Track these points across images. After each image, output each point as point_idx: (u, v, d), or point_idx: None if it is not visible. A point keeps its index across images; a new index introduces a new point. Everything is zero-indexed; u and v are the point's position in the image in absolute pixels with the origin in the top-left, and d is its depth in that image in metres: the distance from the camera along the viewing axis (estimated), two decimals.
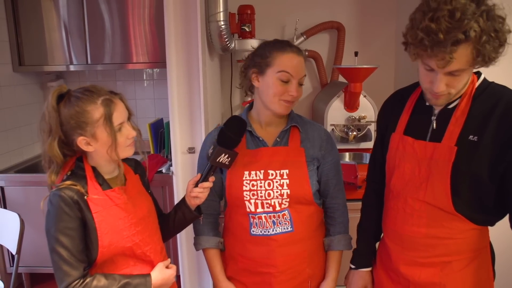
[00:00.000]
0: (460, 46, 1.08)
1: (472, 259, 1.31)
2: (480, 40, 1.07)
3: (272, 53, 1.46)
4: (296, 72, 1.46)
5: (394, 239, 1.41)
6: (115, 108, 1.28)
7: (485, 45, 1.08)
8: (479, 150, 1.20)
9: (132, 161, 1.49)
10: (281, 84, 1.45)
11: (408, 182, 1.33)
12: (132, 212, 1.35)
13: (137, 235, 1.34)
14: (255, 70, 1.50)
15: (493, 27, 1.08)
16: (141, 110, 3.32)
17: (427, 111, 1.33)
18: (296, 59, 1.46)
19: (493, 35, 1.08)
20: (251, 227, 1.50)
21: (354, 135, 2.50)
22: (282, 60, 1.45)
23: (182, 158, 2.32)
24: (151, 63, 2.91)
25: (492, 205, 1.26)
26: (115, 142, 1.27)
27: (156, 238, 1.43)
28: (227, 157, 1.42)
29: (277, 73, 1.45)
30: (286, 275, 1.52)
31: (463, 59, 1.10)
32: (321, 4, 3.17)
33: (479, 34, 1.06)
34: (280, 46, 1.48)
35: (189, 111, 2.30)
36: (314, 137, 1.57)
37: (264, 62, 1.47)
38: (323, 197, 1.60)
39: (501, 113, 1.18)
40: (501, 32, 1.10)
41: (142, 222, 1.37)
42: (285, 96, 1.46)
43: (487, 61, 1.11)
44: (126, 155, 1.34)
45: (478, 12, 1.07)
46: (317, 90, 3.25)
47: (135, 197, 1.39)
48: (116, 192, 1.34)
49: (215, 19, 2.41)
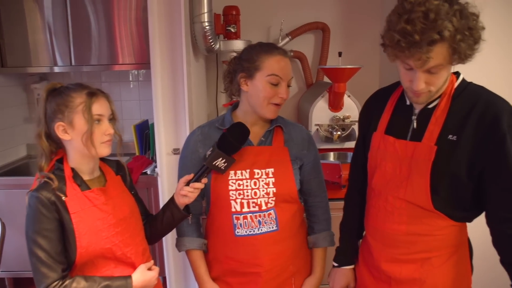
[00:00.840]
0: (436, 46, 1.10)
1: (451, 254, 1.33)
2: (455, 38, 1.10)
3: (260, 56, 1.48)
4: (285, 74, 1.48)
5: (376, 236, 1.42)
6: (97, 100, 1.31)
7: (460, 43, 1.10)
8: (458, 149, 1.22)
9: (113, 162, 1.49)
10: (271, 87, 1.47)
11: (389, 181, 1.34)
12: (111, 213, 1.34)
13: (117, 236, 1.34)
14: (244, 75, 1.50)
15: (467, 25, 1.11)
16: (126, 111, 3.30)
17: (407, 111, 1.35)
18: (284, 61, 1.49)
19: (467, 33, 1.11)
20: (236, 228, 1.50)
21: (339, 134, 2.52)
22: (270, 63, 1.46)
23: (167, 159, 2.31)
24: (137, 64, 2.89)
25: (470, 203, 1.28)
26: (90, 130, 1.28)
27: (138, 239, 1.42)
28: (223, 162, 1.42)
29: (266, 77, 1.46)
30: (272, 274, 1.53)
31: (439, 58, 1.13)
32: (306, 4, 3.18)
33: (453, 33, 1.09)
34: (267, 49, 1.49)
35: (173, 112, 2.30)
36: (297, 137, 1.59)
37: (253, 66, 1.48)
38: (306, 196, 1.62)
39: (479, 113, 1.20)
40: (475, 30, 1.13)
41: (123, 223, 1.37)
42: (275, 99, 1.48)
43: (463, 58, 1.14)
44: (102, 152, 1.34)
45: (452, 11, 1.09)
46: (302, 91, 3.26)
47: (115, 198, 1.38)
48: (95, 193, 1.33)
49: (200, 20, 2.41)
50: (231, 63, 1.57)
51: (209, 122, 1.63)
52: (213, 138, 1.52)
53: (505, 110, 1.18)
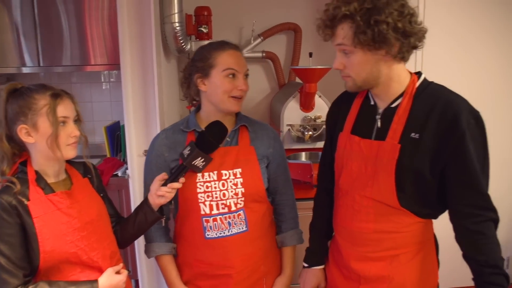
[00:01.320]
0: (341, 23, 1.22)
1: (418, 251, 1.36)
2: (355, 20, 1.18)
3: (212, 53, 1.48)
4: (240, 66, 1.49)
5: (344, 235, 1.44)
6: (61, 101, 1.29)
7: (361, 28, 1.18)
8: (421, 147, 1.24)
9: (80, 164, 1.46)
10: (228, 81, 1.47)
11: (356, 180, 1.36)
12: (76, 216, 1.31)
13: (82, 240, 1.31)
14: (199, 75, 1.50)
15: (377, 16, 1.16)
16: (98, 113, 3.24)
17: (372, 110, 1.37)
18: (237, 54, 1.50)
19: (372, 22, 1.17)
20: (205, 230, 1.49)
21: (310, 134, 2.54)
22: (224, 58, 1.47)
23: (138, 161, 2.28)
24: (110, 65, 2.85)
25: (434, 200, 1.31)
26: (55, 132, 1.26)
27: (106, 243, 1.40)
28: (202, 161, 1.42)
29: (222, 72, 1.47)
30: (243, 275, 1.53)
31: (343, 35, 1.23)
32: (278, 5, 3.20)
33: (355, 14, 1.18)
34: (218, 45, 1.51)
35: (144, 114, 2.28)
36: (263, 136, 1.59)
37: (207, 65, 1.48)
38: (272, 194, 1.62)
39: (439, 112, 1.23)
40: (383, 23, 1.17)
41: (89, 226, 1.34)
42: (234, 91, 1.48)
43: (364, 44, 1.20)
44: (68, 155, 1.31)
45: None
46: (275, 91, 3.27)
47: (82, 201, 1.36)
48: (59, 197, 1.30)
49: (170, 21, 2.40)
50: (185, 68, 1.57)
51: (173, 125, 1.62)
52: (178, 141, 1.52)
53: (464, 108, 1.22)
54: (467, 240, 1.26)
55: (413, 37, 1.22)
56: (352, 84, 1.31)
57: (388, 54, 1.22)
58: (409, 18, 1.20)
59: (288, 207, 1.64)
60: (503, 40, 2.68)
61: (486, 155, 1.24)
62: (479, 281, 1.23)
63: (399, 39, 1.20)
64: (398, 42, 1.20)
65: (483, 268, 1.21)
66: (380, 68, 1.26)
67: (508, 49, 2.70)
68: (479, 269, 1.23)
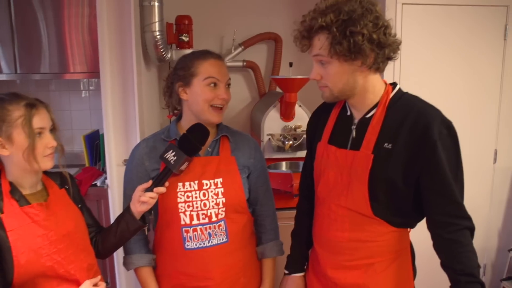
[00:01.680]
0: (318, 33, 1.25)
1: (393, 260, 1.37)
2: (331, 30, 1.21)
3: (194, 62, 1.48)
4: (222, 76, 1.48)
5: (322, 244, 1.46)
6: (37, 112, 1.25)
7: (337, 39, 1.20)
8: (393, 157, 1.27)
9: (57, 175, 1.43)
10: (210, 90, 1.47)
11: (332, 189, 1.38)
12: (53, 229, 1.28)
13: (59, 253, 1.28)
14: (181, 83, 1.50)
15: (351, 27, 1.19)
16: (76, 121, 3.20)
17: (348, 121, 1.39)
18: (219, 63, 1.50)
19: (348, 30, 1.19)
20: (185, 241, 1.48)
21: (290, 144, 2.55)
22: (205, 67, 1.47)
23: (118, 171, 2.27)
24: (89, 73, 2.82)
25: (409, 209, 1.33)
26: (32, 145, 1.23)
27: (83, 255, 1.37)
28: (186, 165, 1.41)
29: (203, 80, 1.46)
30: (223, 286, 1.51)
31: (319, 46, 1.26)
32: (259, 15, 3.22)
33: (331, 25, 1.21)
34: (200, 54, 1.51)
35: (124, 122, 2.27)
36: (244, 146, 1.59)
37: (189, 73, 1.48)
38: (253, 205, 1.62)
39: (412, 122, 1.26)
40: (358, 34, 1.20)
41: (66, 239, 1.31)
42: (215, 101, 1.47)
43: (340, 54, 1.22)
44: (45, 166, 1.29)
45: (332, 9, 1.22)
46: (255, 100, 3.29)
47: (58, 213, 1.33)
48: (35, 209, 1.27)
49: (150, 29, 2.40)
50: (168, 77, 1.57)
51: (153, 134, 1.61)
52: (159, 150, 1.50)
53: (436, 118, 1.25)
54: (444, 249, 1.28)
55: (388, 48, 1.25)
56: (329, 94, 1.33)
57: (364, 64, 1.25)
58: (383, 29, 1.23)
59: (269, 218, 1.64)
60: (474, 52, 2.76)
61: (459, 164, 1.27)
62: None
63: (374, 50, 1.23)
64: (373, 53, 1.23)
65: (459, 276, 1.23)
66: (356, 79, 1.29)
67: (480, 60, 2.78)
68: (456, 278, 1.24)
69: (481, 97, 2.83)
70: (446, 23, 2.69)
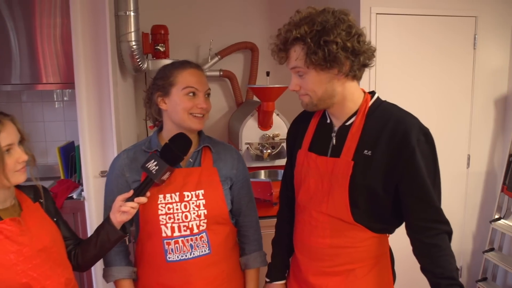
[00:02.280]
0: (293, 45, 1.28)
1: (374, 265, 1.39)
2: (305, 41, 1.24)
3: (173, 72, 1.48)
4: (201, 85, 1.48)
5: (303, 251, 1.46)
6: (3, 128, 1.20)
7: (312, 49, 1.23)
8: (373, 164, 1.29)
9: (31, 188, 1.39)
10: (188, 99, 1.46)
11: (313, 196, 1.40)
12: (27, 244, 1.24)
13: (34, 269, 1.24)
14: (160, 93, 1.49)
15: (326, 37, 1.22)
16: (50, 133, 3.14)
17: (328, 128, 1.41)
18: (198, 73, 1.50)
19: (322, 40, 1.22)
20: (167, 253, 1.46)
21: (269, 152, 2.56)
22: (184, 77, 1.47)
23: (94, 183, 2.23)
24: (63, 83, 2.77)
25: (388, 215, 1.35)
26: (2, 164, 1.19)
27: (60, 270, 1.32)
28: (168, 175, 1.40)
29: (182, 90, 1.46)
30: None
31: (295, 57, 1.28)
32: (235, 24, 3.24)
33: (305, 36, 1.24)
34: (179, 64, 1.51)
35: (100, 133, 2.23)
36: (226, 156, 1.59)
37: (168, 83, 1.47)
38: (236, 216, 1.61)
39: (390, 129, 1.29)
40: (332, 44, 1.22)
41: (42, 254, 1.27)
42: (194, 109, 1.47)
43: (316, 64, 1.25)
44: (17, 181, 1.25)
45: (306, 20, 1.26)
46: (233, 109, 3.29)
47: (33, 227, 1.28)
48: (7, 224, 1.22)
49: (126, 39, 2.38)
50: (148, 88, 1.56)
51: (134, 145, 1.59)
52: (139, 161, 1.48)
53: (414, 126, 1.28)
54: (424, 253, 1.30)
55: (363, 55, 1.28)
56: (309, 102, 1.35)
57: (340, 72, 1.28)
58: (357, 37, 1.26)
59: (252, 229, 1.64)
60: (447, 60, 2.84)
61: (436, 170, 1.31)
62: None
63: (349, 58, 1.25)
64: (349, 61, 1.26)
65: (439, 280, 1.26)
66: (334, 87, 1.31)
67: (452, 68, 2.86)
68: (436, 281, 1.27)
69: (454, 104, 2.91)
70: (419, 33, 2.76)
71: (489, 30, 2.87)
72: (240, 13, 3.26)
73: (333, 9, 1.28)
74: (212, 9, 3.21)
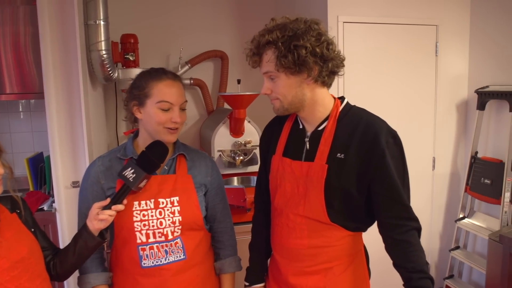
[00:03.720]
0: (265, 49, 1.35)
1: (350, 262, 1.44)
2: (277, 45, 1.30)
3: (149, 83, 1.47)
4: (176, 99, 1.47)
5: (282, 252, 1.50)
6: None
7: (282, 50, 1.29)
8: (346, 166, 1.34)
9: (7, 199, 1.36)
10: (163, 113, 1.46)
11: (289, 199, 1.43)
12: (5, 256, 1.21)
13: (12, 281, 1.21)
14: (136, 103, 1.49)
15: (295, 39, 1.29)
16: (17, 144, 3.06)
17: (301, 134, 1.46)
18: (174, 86, 1.49)
19: (293, 45, 1.28)
20: (142, 259, 1.46)
21: (241, 159, 2.59)
22: (159, 90, 1.46)
23: (66, 193, 2.20)
24: (28, 93, 2.68)
25: (362, 214, 1.41)
26: None
27: (38, 281, 1.30)
28: (145, 182, 1.41)
29: (156, 103, 1.45)
30: None
31: (268, 60, 1.35)
32: (204, 33, 3.27)
33: (276, 40, 1.30)
34: (155, 74, 1.49)
35: (71, 144, 2.21)
36: (201, 164, 1.60)
37: (143, 94, 1.47)
38: (211, 222, 1.63)
39: (361, 132, 1.35)
40: (302, 48, 1.28)
41: (20, 265, 1.24)
42: (168, 123, 1.47)
43: (297, 65, 1.30)
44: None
45: (279, 27, 1.32)
46: (203, 117, 3.31)
47: (11, 238, 1.26)
48: None
49: (96, 48, 2.37)
50: (127, 91, 1.56)
51: (109, 152, 1.59)
52: (115, 168, 1.49)
53: (383, 129, 1.35)
54: (395, 249, 1.36)
55: (331, 62, 1.34)
56: (280, 106, 1.39)
57: (309, 77, 1.33)
58: (326, 44, 1.32)
59: (227, 234, 1.65)
60: (410, 66, 2.96)
61: (405, 170, 1.37)
62: (409, 286, 1.33)
63: (317, 63, 1.31)
64: (317, 66, 1.32)
65: (411, 274, 1.32)
66: (304, 91, 1.36)
67: (415, 74, 2.98)
68: (408, 276, 1.33)
69: (418, 108, 3.02)
70: (384, 40, 2.86)
71: (449, 37, 3.00)
72: (209, 22, 3.29)
73: (305, 19, 1.34)
74: (181, 18, 3.23)
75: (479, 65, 3.03)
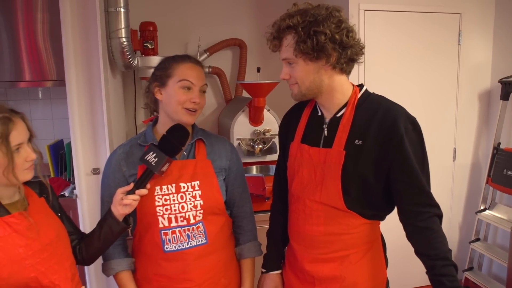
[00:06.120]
0: (285, 34, 1.35)
1: (367, 251, 1.44)
2: (297, 30, 1.30)
3: (172, 64, 1.50)
4: (197, 80, 1.50)
5: (298, 239, 1.50)
6: (14, 127, 1.18)
7: (302, 37, 1.29)
8: (364, 152, 1.34)
9: (36, 183, 1.38)
10: (183, 92, 1.48)
11: (306, 186, 1.43)
12: (35, 238, 1.23)
13: (42, 263, 1.23)
14: (157, 84, 1.51)
15: (315, 25, 1.29)
16: (38, 131, 3.00)
17: (319, 121, 1.45)
18: (196, 68, 1.52)
19: (312, 30, 1.28)
20: (164, 244, 1.48)
21: (260, 148, 2.59)
22: (181, 70, 1.49)
23: (87, 180, 2.23)
24: (45, 81, 2.72)
25: (379, 201, 1.40)
26: (12, 163, 1.17)
27: (67, 264, 1.32)
28: (167, 166, 1.42)
29: (178, 82, 1.48)
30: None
31: (287, 45, 1.35)
32: (223, 21, 3.26)
33: (297, 26, 1.30)
34: (179, 57, 1.53)
35: (92, 131, 2.23)
36: (220, 148, 1.61)
37: (165, 74, 1.49)
38: (230, 207, 1.64)
39: (379, 119, 1.34)
40: (321, 34, 1.28)
41: (49, 248, 1.26)
42: (187, 103, 1.48)
43: (315, 50, 1.30)
44: (25, 178, 1.24)
45: (300, 12, 1.33)
46: (222, 106, 3.31)
47: (40, 221, 1.27)
48: (16, 218, 1.22)
49: (117, 36, 2.38)
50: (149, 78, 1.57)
51: (129, 140, 1.60)
52: (136, 155, 1.51)
53: (401, 115, 1.33)
54: (417, 237, 1.35)
55: (350, 50, 1.33)
56: (298, 92, 1.40)
57: (327, 63, 1.33)
58: (345, 32, 1.32)
59: (246, 219, 1.66)
60: (433, 55, 2.90)
61: (424, 156, 1.36)
62: (432, 274, 1.32)
63: (336, 50, 1.31)
64: (336, 53, 1.31)
65: (435, 261, 1.31)
66: (321, 78, 1.36)
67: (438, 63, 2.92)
68: (431, 263, 1.32)
69: (440, 98, 2.98)
70: (406, 29, 2.82)
71: (472, 26, 2.94)
72: (228, 10, 3.28)
73: (327, 5, 1.33)
74: (200, 6, 3.22)
75: (503, 54, 2.97)
